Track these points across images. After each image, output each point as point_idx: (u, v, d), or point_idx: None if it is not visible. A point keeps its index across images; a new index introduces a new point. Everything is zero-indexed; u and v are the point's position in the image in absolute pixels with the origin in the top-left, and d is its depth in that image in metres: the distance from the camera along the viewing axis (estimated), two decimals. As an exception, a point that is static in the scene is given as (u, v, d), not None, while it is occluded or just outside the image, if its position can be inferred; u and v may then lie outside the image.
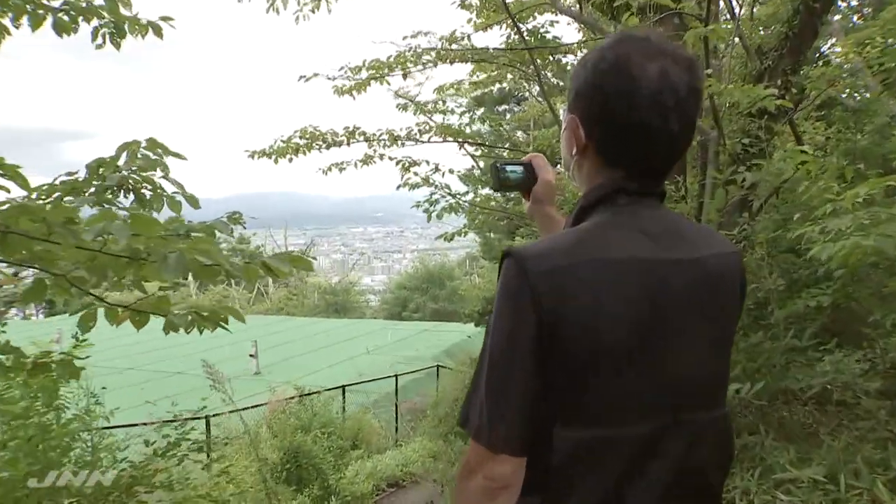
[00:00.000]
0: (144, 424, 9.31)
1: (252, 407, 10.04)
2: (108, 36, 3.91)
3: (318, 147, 5.68)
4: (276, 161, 5.88)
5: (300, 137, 5.58)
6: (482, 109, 14.94)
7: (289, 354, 22.60)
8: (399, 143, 5.77)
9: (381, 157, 5.88)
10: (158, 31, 3.93)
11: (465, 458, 1.20)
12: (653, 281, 1.16)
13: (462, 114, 6.11)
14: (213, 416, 9.49)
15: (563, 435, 1.14)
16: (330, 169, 6.00)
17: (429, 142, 5.67)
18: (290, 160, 5.85)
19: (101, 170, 3.11)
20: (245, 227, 3.12)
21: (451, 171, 6.29)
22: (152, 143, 3.28)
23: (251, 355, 19.54)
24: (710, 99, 4.39)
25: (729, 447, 1.31)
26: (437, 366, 16.08)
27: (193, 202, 3.29)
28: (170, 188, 3.18)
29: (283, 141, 5.60)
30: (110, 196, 3.08)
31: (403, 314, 37.24)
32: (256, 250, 56.84)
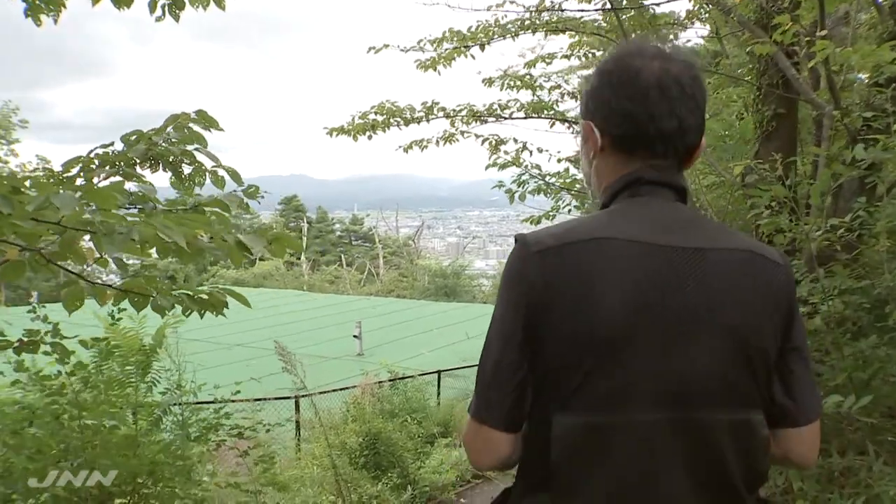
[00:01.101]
0: (233, 401, 9.49)
1: (340, 389, 10.03)
2: (166, 7, 3.78)
3: (396, 124, 5.44)
4: (354, 138, 5.67)
5: (376, 113, 5.35)
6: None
7: (393, 337, 22.75)
8: (480, 119, 5.43)
9: (463, 133, 5.58)
10: (220, 2, 3.79)
11: (464, 428, 1.27)
12: (652, 265, 1.15)
13: (552, 89, 5.66)
14: (302, 396, 9.54)
15: (562, 421, 1.14)
16: (410, 147, 5.73)
17: (510, 118, 5.31)
18: (370, 137, 5.63)
19: (140, 143, 2.96)
20: (260, 201, 2.89)
21: (539, 151, 5.91)
22: (202, 116, 3.09)
23: (355, 336, 19.76)
24: (825, 66, 3.82)
25: (756, 458, 1.22)
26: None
27: (235, 177, 3.09)
28: (209, 164, 3.01)
29: (360, 117, 5.40)
30: (147, 169, 2.94)
31: (513, 299, 36.82)
32: (369, 232, 57.88)
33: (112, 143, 2.88)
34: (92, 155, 2.87)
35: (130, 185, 2.08)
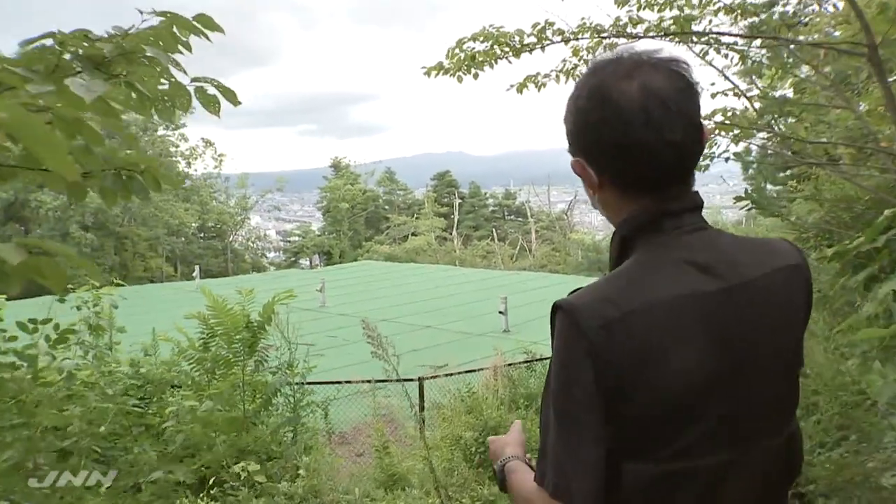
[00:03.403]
0: (349, 382, 8.86)
1: (467, 371, 9.18)
2: None
3: (503, 55, 4.40)
4: (458, 79, 4.70)
5: (475, 40, 4.30)
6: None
7: (542, 313, 21.59)
8: (606, 46, 4.27)
9: (586, 63, 4.45)
10: None
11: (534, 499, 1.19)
12: (710, 316, 1.14)
13: (704, 5, 4.37)
14: (427, 378, 8.79)
15: (631, 469, 1.13)
16: (525, 86, 4.67)
17: (645, 36, 4.10)
18: (476, 76, 4.63)
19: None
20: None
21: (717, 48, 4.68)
22: (204, 21, 2.25)
23: (500, 312, 18.91)
24: None
25: (796, 461, 1.30)
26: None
27: (231, 96, 2.25)
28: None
29: (457, 48, 4.40)
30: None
31: (671, 275, 34.77)
32: (521, 207, 57.31)
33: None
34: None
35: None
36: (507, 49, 4.31)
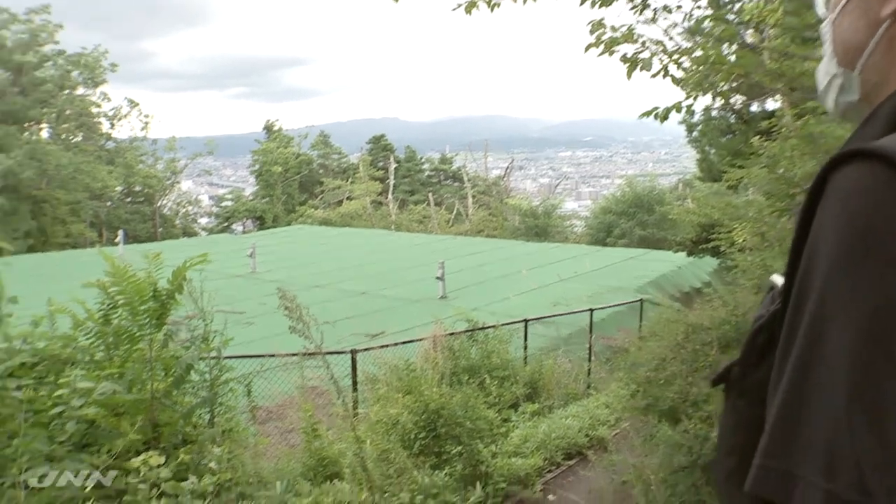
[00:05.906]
0: (272, 356, 8.02)
1: (405, 342, 8.43)
2: None
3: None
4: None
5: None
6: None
7: (480, 279, 21.12)
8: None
9: (551, -24, 3.72)
10: None
11: None
12: None
13: None
14: (361, 350, 8.00)
15: None
16: (474, 4, 3.91)
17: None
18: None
19: None
20: None
21: (667, 10, 4.00)
22: None
23: (437, 278, 18.22)
24: None
25: None
26: (641, 300, 13.67)
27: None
28: None
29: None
30: None
31: (608, 240, 34.65)
32: (458, 172, 56.73)
33: None
34: None
35: None
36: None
